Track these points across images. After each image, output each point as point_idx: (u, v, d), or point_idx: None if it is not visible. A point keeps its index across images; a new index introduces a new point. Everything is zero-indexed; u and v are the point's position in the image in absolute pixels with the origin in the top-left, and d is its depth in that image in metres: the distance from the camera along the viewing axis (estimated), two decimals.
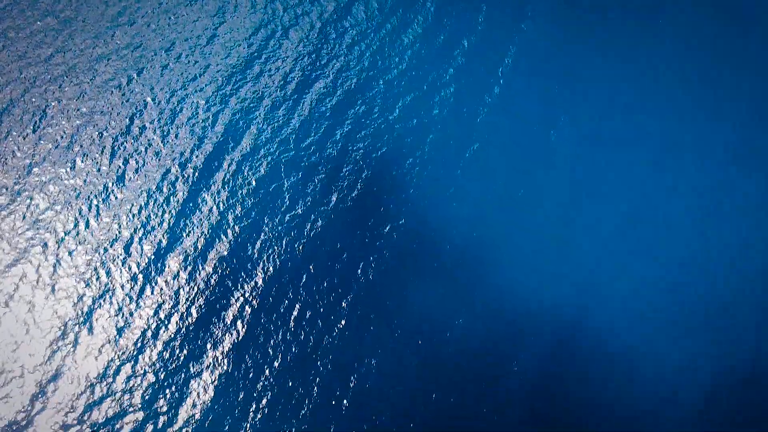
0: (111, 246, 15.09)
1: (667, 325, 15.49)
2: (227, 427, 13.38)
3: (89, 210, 15.41)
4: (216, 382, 13.90)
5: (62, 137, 16.28)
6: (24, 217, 15.10)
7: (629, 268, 16.18)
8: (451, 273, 15.68)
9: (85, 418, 13.20)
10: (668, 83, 19.23)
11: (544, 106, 18.49)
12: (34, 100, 16.49)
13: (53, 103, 16.47)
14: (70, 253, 14.85)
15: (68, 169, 15.84)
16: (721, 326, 15.63)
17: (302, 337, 14.60)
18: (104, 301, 14.49)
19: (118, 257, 14.98)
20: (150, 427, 13.26)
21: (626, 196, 17.25)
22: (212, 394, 13.74)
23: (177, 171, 16.24)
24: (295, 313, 14.86)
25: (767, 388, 14.99)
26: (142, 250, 15.18)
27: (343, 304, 15.11)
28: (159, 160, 16.37)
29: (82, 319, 14.18)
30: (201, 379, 13.90)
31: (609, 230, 16.70)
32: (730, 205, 17.37)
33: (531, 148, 17.72)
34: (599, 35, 19.97)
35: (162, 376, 13.83)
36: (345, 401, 13.99)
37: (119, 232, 15.28)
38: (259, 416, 13.63)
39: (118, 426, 13.20)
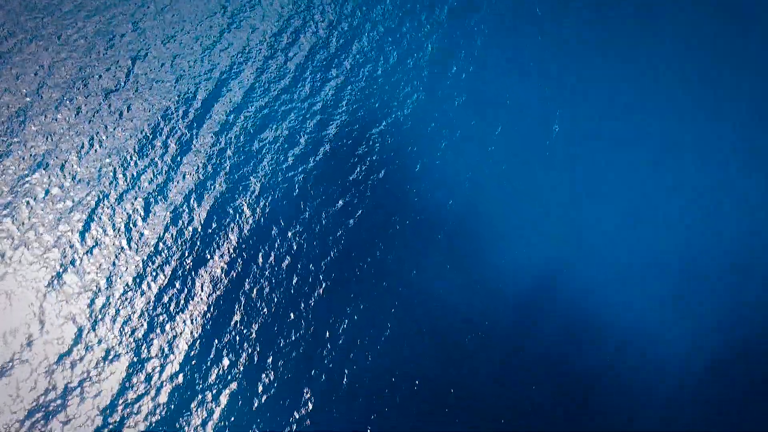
0: (104, 198, 15.22)
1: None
2: (214, 375, 13.45)
3: (81, 161, 15.57)
4: (205, 330, 13.98)
5: (59, 87, 16.49)
6: (21, 163, 15.27)
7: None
8: (438, 223, 15.70)
9: (75, 365, 13.33)
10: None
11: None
12: (32, 51, 16.78)
13: (50, 57, 16.75)
14: (62, 201, 15.00)
15: (66, 119, 16.04)
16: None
17: (293, 289, 14.72)
18: (94, 251, 14.59)
19: (109, 207, 15.13)
20: (142, 376, 13.38)
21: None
22: (201, 343, 13.84)
23: (171, 122, 16.48)
24: (285, 264, 14.98)
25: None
26: (135, 197, 15.33)
27: (333, 256, 15.24)
28: (153, 111, 16.59)
29: (72, 267, 14.31)
30: (191, 327, 13.99)
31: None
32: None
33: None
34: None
35: (156, 322, 13.96)
36: (334, 352, 14.10)
37: (113, 182, 15.45)
38: (246, 363, 13.70)
39: (106, 374, 13.30)
